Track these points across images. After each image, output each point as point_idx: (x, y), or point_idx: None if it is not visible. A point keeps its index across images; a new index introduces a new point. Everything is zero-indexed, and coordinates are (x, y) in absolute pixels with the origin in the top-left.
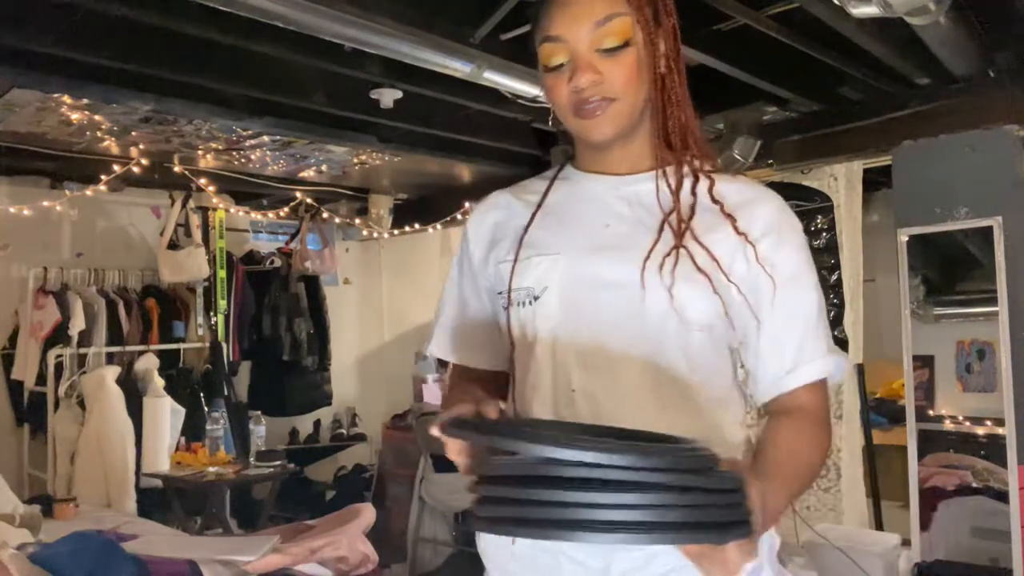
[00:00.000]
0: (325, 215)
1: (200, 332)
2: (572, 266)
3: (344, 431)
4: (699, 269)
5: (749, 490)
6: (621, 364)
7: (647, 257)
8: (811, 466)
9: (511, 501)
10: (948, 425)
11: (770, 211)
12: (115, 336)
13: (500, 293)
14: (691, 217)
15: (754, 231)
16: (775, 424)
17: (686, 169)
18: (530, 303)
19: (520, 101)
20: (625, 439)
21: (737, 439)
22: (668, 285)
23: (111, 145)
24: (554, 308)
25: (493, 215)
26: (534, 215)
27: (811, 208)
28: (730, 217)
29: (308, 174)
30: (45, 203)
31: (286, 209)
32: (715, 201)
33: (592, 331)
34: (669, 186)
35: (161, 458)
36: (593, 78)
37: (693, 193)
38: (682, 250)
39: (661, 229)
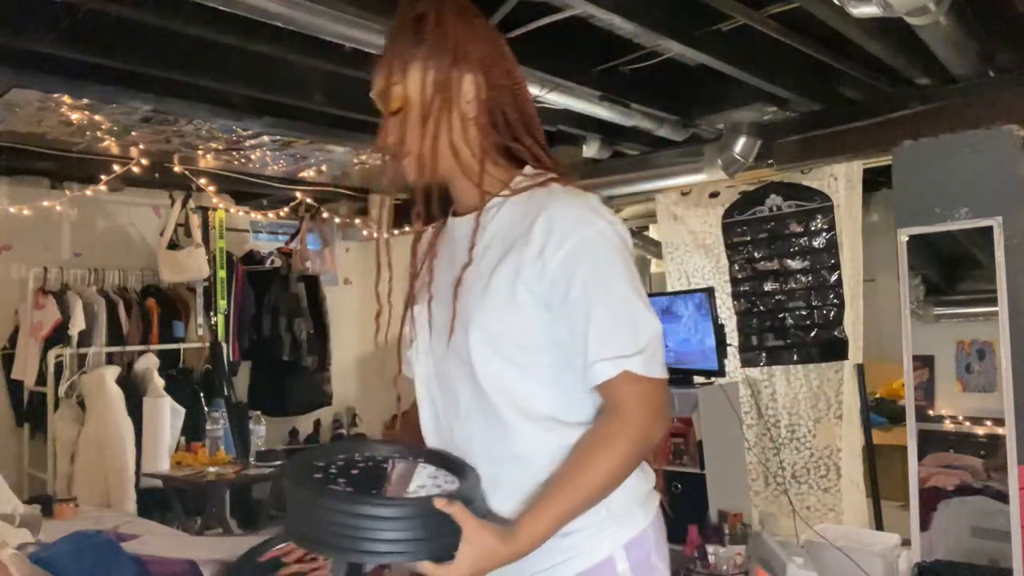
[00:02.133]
0: (325, 215)
1: (200, 332)
2: (429, 313)
3: (344, 431)
4: (496, 304)
5: (460, 521)
6: (461, 398)
7: (454, 297)
8: (594, 485)
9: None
10: (948, 425)
11: (557, 222)
12: (115, 336)
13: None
14: (466, 264)
15: (546, 246)
16: (586, 433)
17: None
18: (411, 346)
19: None
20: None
21: (557, 443)
22: (466, 325)
23: (111, 145)
24: (420, 355)
25: (420, 251)
26: (422, 262)
27: (811, 208)
28: (517, 242)
29: (308, 174)
30: (45, 203)
31: (286, 209)
32: (472, 245)
33: (442, 371)
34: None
35: (161, 458)
36: (382, 139)
37: (478, 234)
38: (471, 290)
39: (460, 280)
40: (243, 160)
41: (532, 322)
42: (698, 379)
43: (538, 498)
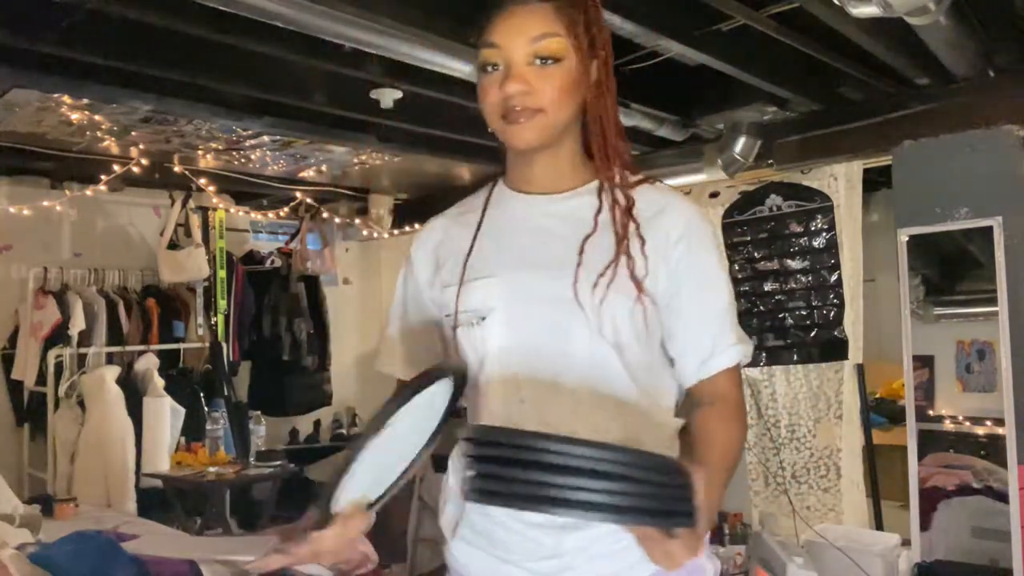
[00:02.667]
0: (325, 215)
1: (200, 332)
2: (512, 287)
3: (344, 431)
4: (629, 282)
5: (697, 487)
6: (562, 374)
7: (577, 273)
8: (737, 456)
9: (507, 479)
10: (948, 425)
11: (680, 218)
12: (115, 336)
13: (447, 315)
14: (624, 232)
15: (670, 239)
16: (704, 416)
17: (610, 185)
18: (477, 323)
19: None
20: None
21: (670, 428)
22: (600, 298)
23: (111, 145)
24: (500, 327)
25: (434, 238)
26: (475, 239)
27: (811, 208)
28: (644, 230)
29: (308, 174)
30: (45, 203)
31: (286, 209)
32: (633, 220)
33: (535, 345)
34: (601, 204)
35: (161, 458)
36: (522, 88)
37: (617, 210)
38: (613, 265)
39: (581, 249)
40: (243, 160)
41: (649, 309)
42: None
43: (704, 460)
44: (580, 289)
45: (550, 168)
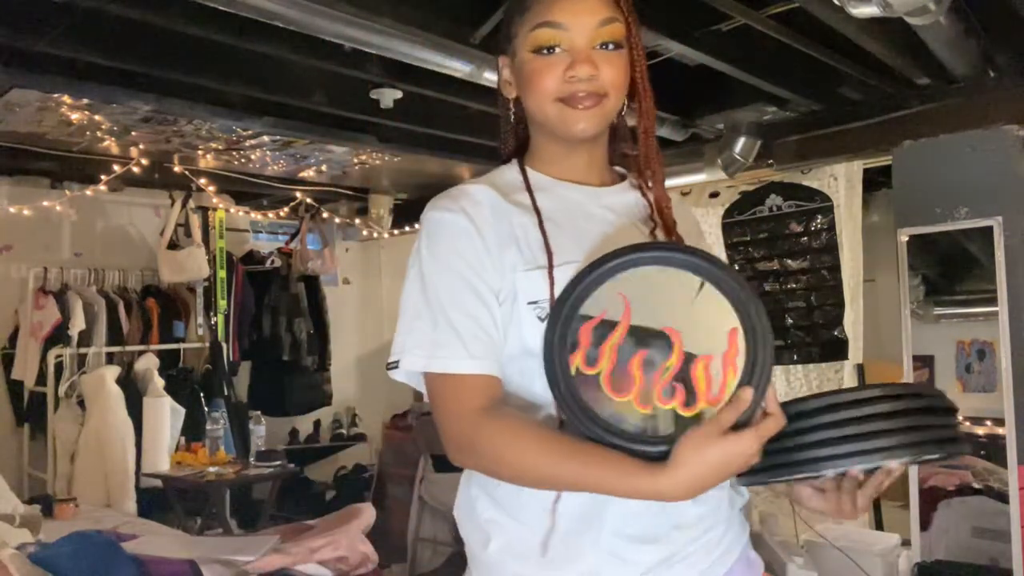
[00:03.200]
0: (325, 215)
1: (200, 332)
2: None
3: (344, 431)
4: None
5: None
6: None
7: None
8: None
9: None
10: None
11: (694, 218)
12: (115, 336)
13: (532, 303)
14: (673, 228)
15: (693, 234)
16: None
17: (644, 183)
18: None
19: None
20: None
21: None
22: None
23: (111, 145)
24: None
25: (487, 211)
26: (542, 223)
27: (811, 208)
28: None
29: (308, 174)
30: (45, 203)
31: (286, 209)
32: (662, 213)
33: None
34: (648, 199)
35: (161, 458)
36: (592, 71)
37: (663, 208)
38: None
39: (652, 236)
40: (243, 160)
41: None
42: None
43: None
44: None
45: (592, 160)
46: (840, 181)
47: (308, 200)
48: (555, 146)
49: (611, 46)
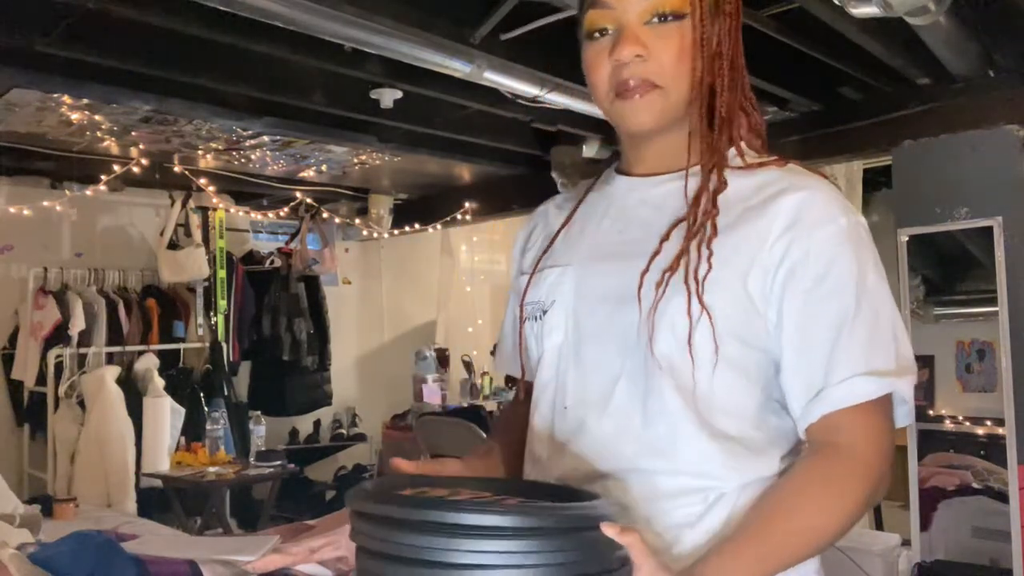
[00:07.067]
0: (325, 215)
1: (200, 332)
2: (580, 278)
3: (344, 431)
4: (688, 284)
5: (639, 561)
6: (615, 382)
7: (646, 268)
8: (814, 530)
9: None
10: (948, 425)
11: (794, 202)
12: (115, 336)
13: (519, 307)
14: (702, 221)
15: (774, 229)
16: (791, 471)
17: (713, 165)
18: (539, 317)
19: (520, 101)
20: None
21: (739, 476)
22: (657, 299)
23: (111, 145)
24: (559, 322)
25: (532, 224)
26: (564, 224)
27: None
28: (740, 220)
29: (308, 174)
30: (45, 203)
31: (286, 209)
32: (714, 205)
33: (593, 347)
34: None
35: (161, 458)
36: (637, 50)
37: (704, 195)
38: (684, 261)
39: (667, 236)
40: (243, 160)
41: (737, 317)
42: None
43: (731, 540)
44: (645, 284)
45: (666, 147)
46: (840, 181)
47: (308, 200)
48: (626, 140)
49: (669, 17)
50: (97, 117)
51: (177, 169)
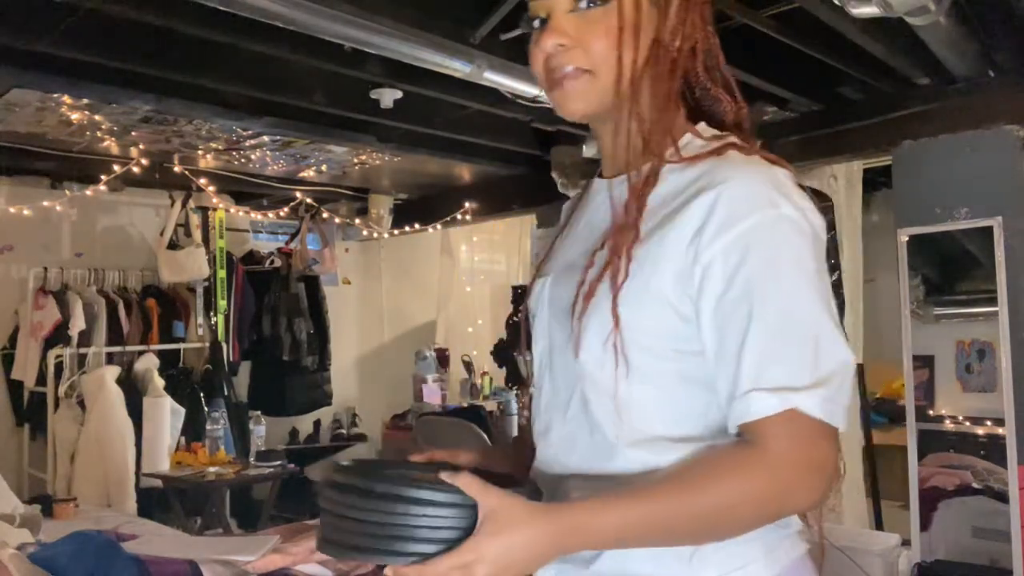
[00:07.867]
0: (325, 215)
1: (200, 332)
2: (551, 288)
3: (344, 431)
4: (607, 294)
5: (477, 497)
6: (571, 388)
7: (581, 279)
8: (699, 513)
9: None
10: (948, 425)
11: (707, 201)
12: (115, 336)
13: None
14: (625, 226)
15: (687, 232)
16: (702, 451)
17: (647, 166)
18: (532, 324)
19: (520, 101)
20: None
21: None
22: (580, 311)
23: (111, 145)
24: (542, 331)
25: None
26: (561, 230)
27: None
28: (666, 220)
29: (308, 174)
30: (45, 203)
31: (286, 209)
32: (639, 209)
33: (560, 356)
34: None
35: (161, 458)
36: (559, 40)
37: (636, 194)
38: (608, 267)
39: (600, 246)
40: (243, 160)
41: (665, 323)
42: None
43: (615, 493)
44: (579, 296)
45: (615, 142)
46: (840, 181)
47: (308, 200)
48: (595, 138)
49: (590, 3)
50: (97, 117)
51: (177, 169)
